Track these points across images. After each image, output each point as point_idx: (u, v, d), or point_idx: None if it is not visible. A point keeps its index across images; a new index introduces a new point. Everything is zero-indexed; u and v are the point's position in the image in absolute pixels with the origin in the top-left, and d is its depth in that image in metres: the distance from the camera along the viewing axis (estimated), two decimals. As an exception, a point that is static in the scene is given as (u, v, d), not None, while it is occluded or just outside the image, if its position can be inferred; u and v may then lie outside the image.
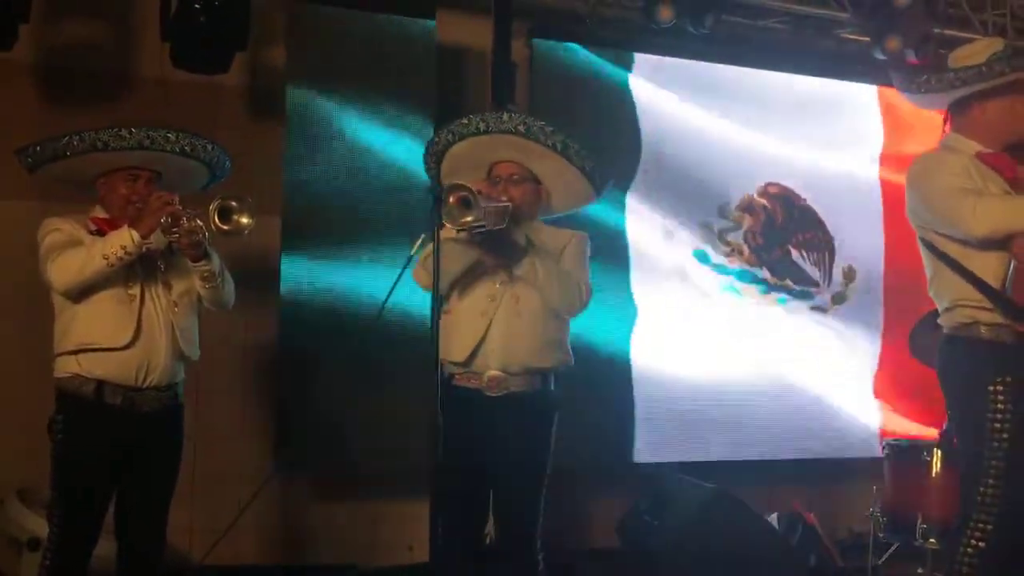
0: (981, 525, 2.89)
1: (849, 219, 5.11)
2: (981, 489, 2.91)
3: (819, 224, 5.09)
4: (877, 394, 5.15)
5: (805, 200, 5.07)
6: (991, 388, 2.91)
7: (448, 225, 2.78)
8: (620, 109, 4.82)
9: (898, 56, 4.83)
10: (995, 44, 3.12)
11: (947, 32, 5.01)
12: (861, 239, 5.13)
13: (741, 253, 4.92)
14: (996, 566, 2.89)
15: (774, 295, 5.00)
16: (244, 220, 2.97)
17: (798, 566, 4.02)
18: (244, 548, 4.22)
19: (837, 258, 5.11)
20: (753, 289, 4.98)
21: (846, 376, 5.13)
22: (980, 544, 2.88)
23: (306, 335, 4.20)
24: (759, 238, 4.92)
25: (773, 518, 4.30)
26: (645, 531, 4.16)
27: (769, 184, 5.00)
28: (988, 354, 2.94)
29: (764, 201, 4.97)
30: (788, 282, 5.00)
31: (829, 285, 5.09)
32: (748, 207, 4.93)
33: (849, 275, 5.09)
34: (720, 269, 4.92)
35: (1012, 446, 2.88)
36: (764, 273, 4.95)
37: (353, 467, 4.41)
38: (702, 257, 4.89)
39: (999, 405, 2.90)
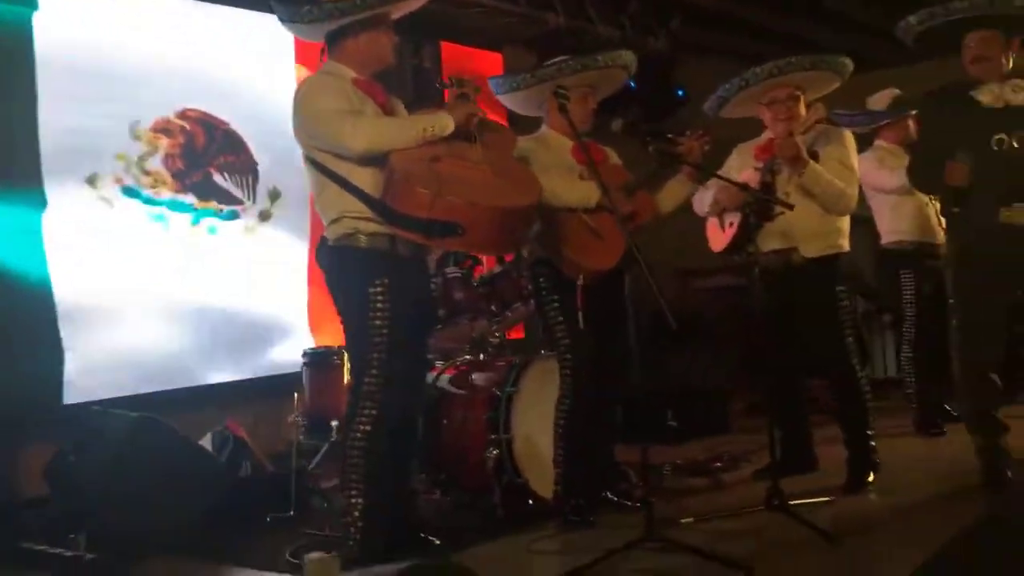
0: (367, 412, 3.27)
1: (274, 140, 5.26)
2: (366, 380, 3.27)
3: (243, 148, 5.20)
4: (310, 309, 5.46)
5: (228, 124, 5.14)
6: (370, 291, 3.27)
7: None
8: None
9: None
10: None
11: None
12: (286, 158, 5.35)
13: (165, 183, 4.86)
14: (380, 448, 3.29)
15: (205, 224, 5.03)
16: None
17: (229, 477, 4.17)
18: None
19: (262, 179, 5.27)
20: (183, 219, 4.96)
21: (281, 295, 5.35)
22: (367, 428, 3.26)
23: None
24: (179, 162, 4.89)
25: (206, 438, 4.40)
26: (72, 472, 4.01)
27: (187, 109, 4.97)
28: (367, 261, 3.29)
29: (183, 123, 4.94)
30: (214, 203, 5.05)
31: (255, 203, 5.24)
32: (164, 129, 4.87)
33: (274, 194, 5.29)
34: (149, 200, 4.82)
35: (390, 341, 3.28)
36: (190, 198, 4.95)
37: None
38: (131, 192, 4.75)
39: (378, 305, 3.27)
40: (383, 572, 1.55)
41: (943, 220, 4.05)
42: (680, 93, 7.39)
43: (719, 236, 4.21)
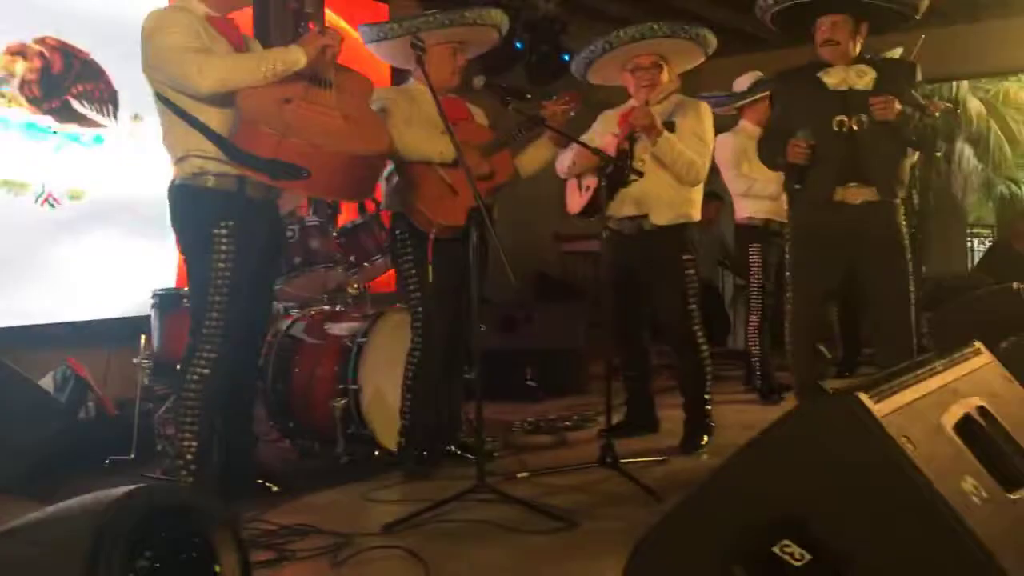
0: (205, 354, 3.24)
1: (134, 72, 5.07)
2: (206, 323, 3.24)
3: (101, 77, 5.01)
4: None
5: (88, 54, 4.95)
6: (215, 232, 3.23)
7: None
8: None
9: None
10: None
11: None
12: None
13: (20, 105, 4.66)
14: (216, 392, 3.27)
15: (65, 154, 4.84)
16: None
17: (69, 417, 4.08)
18: None
19: (123, 108, 5.09)
20: (45, 148, 4.76)
21: (147, 232, 5.19)
22: (204, 371, 3.23)
23: None
24: (35, 88, 4.69)
25: (47, 378, 4.29)
26: None
27: (46, 37, 4.77)
28: (213, 201, 3.24)
29: (41, 48, 4.74)
30: (75, 125, 4.85)
31: (117, 124, 5.05)
32: (21, 51, 4.66)
33: (137, 119, 5.10)
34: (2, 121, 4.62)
35: (233, 285, 3.24)
36: (48, 121, 4.75)
37: None
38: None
39: (222, 247, 3.23)
40: (111, 493, 1.54)
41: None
42: (566, 58, 7.42)
43: (576, 199, 4.29)
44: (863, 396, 1.42)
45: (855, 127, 3.63)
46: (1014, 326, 4.43)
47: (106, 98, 5.02)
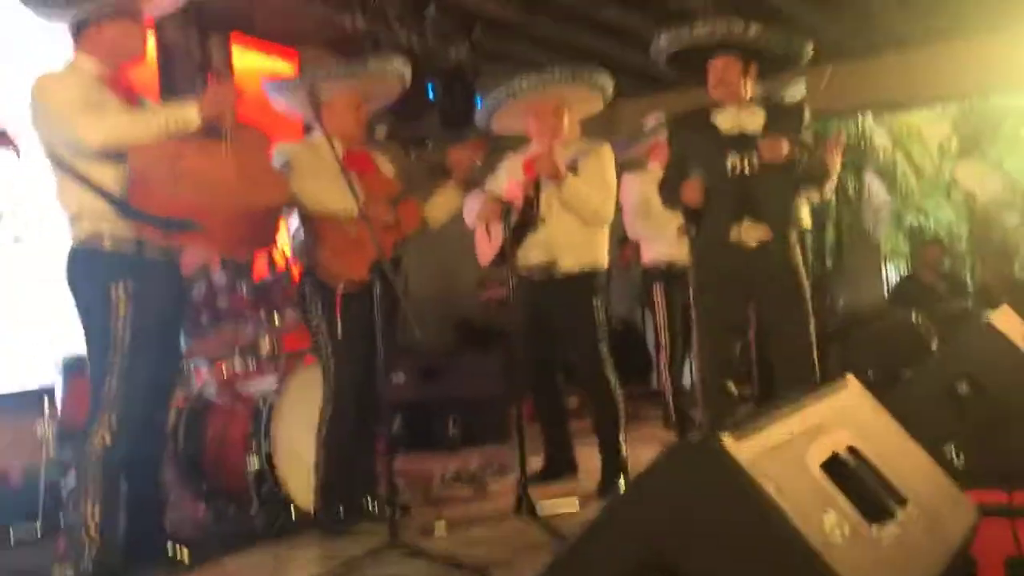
0: (107, 419, 3.16)
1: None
2: (106, 387, 3.17)
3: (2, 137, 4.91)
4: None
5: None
6: (112, 295, 3.17)
7: None
8: None
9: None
10: None
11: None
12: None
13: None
14: (119, 458, 3.19)
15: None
16: None
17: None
18: None
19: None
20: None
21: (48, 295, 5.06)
22: (106, 437, 3.16)
23: None
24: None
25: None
26: None
27: None
28: (109, 263, 3.18)
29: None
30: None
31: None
32: None
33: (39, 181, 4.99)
34: None
35: (133, 347, 3.18)
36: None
37: None
38: None
39: (120, 309, 3.18)
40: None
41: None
42: (479, 103, 7.49)
43: (486, 248, 4.31)
44: (724, 438, 1.45)
45: (747, 169, 3.72)
46: (914, 356, 4.58)
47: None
